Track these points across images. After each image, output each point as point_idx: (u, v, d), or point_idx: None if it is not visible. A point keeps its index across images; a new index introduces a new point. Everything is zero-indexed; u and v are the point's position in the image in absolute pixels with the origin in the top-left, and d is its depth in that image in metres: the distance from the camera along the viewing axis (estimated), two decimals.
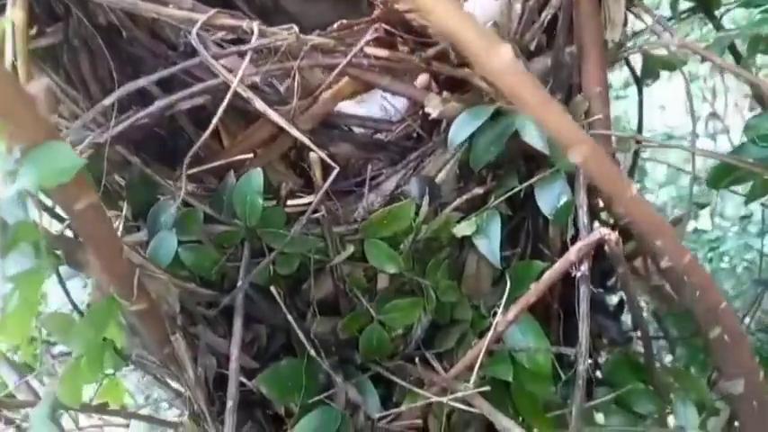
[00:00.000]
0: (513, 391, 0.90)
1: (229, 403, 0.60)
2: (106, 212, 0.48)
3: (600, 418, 1.07)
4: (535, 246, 0.93)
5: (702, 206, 2.00)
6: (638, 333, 1.21)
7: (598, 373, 1.22)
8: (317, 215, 0.71)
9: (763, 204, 1.52)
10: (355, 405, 0.82)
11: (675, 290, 0.87)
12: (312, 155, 0.67)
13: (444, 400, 0.68)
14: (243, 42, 0.70)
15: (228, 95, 0.65)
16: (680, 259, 0.64)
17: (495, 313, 0.78)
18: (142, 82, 0.67)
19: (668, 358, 1.21)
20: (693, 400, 1.08)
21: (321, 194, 0.67)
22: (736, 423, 1.02)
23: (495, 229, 0.73)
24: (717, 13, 1.06)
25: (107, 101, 0.66)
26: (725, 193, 1.99)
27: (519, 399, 0.90)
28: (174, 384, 0.90)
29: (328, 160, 0.66)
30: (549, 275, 0.64)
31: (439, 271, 0.79)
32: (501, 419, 0.63)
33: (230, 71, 0.69)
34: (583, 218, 0.67)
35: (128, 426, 0.95)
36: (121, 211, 0.83)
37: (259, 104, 0.67)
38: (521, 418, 0.91)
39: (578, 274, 0.63)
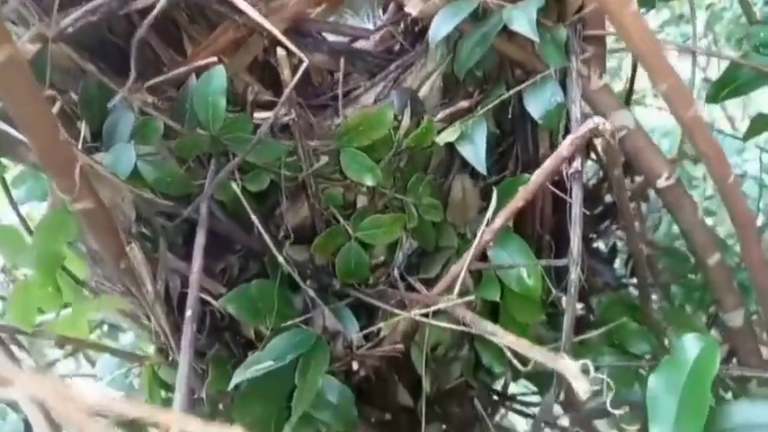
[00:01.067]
0: (503, 323, 0.85)
1: (188, 312, 0.55)
2: (31, 74, 0.42)
3: None
4: (525, 171, 0.88)
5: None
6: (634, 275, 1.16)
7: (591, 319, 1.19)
8: (287, 118, 0.65)
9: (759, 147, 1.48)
10: (333, 332, 0.77)
11: (674, 210, 0.82)
12: (279, 51, 0.61)
13: (425, 310, 0.62)
14: None
15: None
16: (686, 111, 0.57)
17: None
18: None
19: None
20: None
21: (290, 91, 0.61)
22: (735, 360, 0.98)
23: (481, 135, 0.68)
24: None
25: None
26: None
27: (508, 330, 0.85)
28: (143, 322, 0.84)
29: (299, 53, 0.60)
30: (539, 175, 0.59)
31: (421, 186, 0.74)
32: (486, 325, 0.58)
33: None
34: (576, 113, 0.62)
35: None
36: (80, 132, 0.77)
37: None
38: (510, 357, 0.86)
39: (570, 171, 0.58)
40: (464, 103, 0.77)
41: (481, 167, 0.66)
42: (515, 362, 0.65)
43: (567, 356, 0.58)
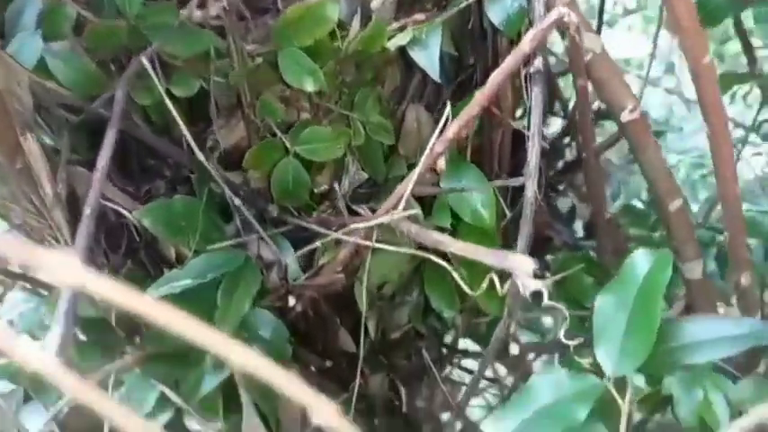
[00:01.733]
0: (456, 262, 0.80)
1: (87, 210, 0.47)
2: None
3: None
4: None
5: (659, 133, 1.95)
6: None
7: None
8: (218, 4, 0.57)
9: None
10: (269, 263, 0.70)
11: (637, 148, 0.77)
12: None
13: (365, 224, 0.56)
14: None
15: None
16: None
17: None
18: None
19: None
20: None
21: None
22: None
23: (436, 40, 0.61)
24: None
25: None
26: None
27: (462, 266, 0.80)
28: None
29: None
30: (497, 74, 0.53)
31: (369, 102, 0.67)
32: (431, 235, 0.52)
33: None
34: (538, 8, 0.56)
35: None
36: None
37: None
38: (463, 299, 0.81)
39: (531, 71, 0.52)
40: (419, 16, 0.70)
41: (434, 74, 0.60)
42: (466, 289, 0.60)
43: (518, 280, 0.52)
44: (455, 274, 0.53)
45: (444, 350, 1.00)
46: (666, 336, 0.48)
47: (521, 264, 0.41)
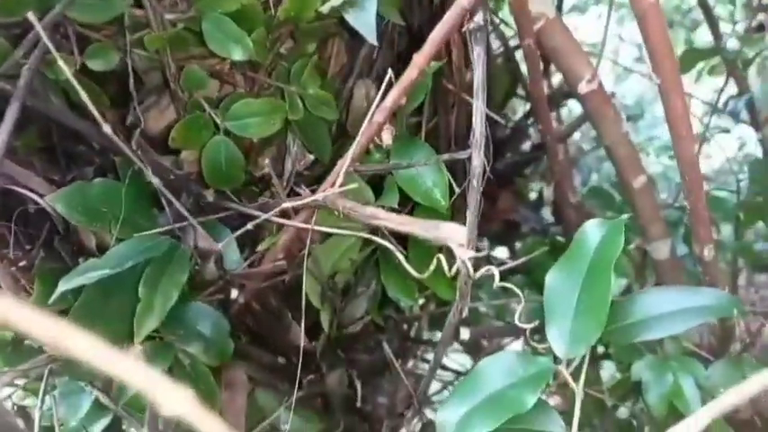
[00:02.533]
0: (412, 242, 0.75)
1: None
2: None
3: None
4: None
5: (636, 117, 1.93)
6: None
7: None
8: None
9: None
10: (205, 252, 0.65)
11: (597, 120, 0.73)
12: None
13: (301, 202, 0.51)
14: None
15: None
16: None
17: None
18: None
19: None
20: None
21: None
22: None
23: (372, 2, 0.56)
24: None
25: None
26: None
27: (415, 253, 0.75)
28: None
29: None
30: (437, 32, 0.48)
31: (306, 73, 0.62)
32: (365, 210, 0.47)
33: None
34: None
35: None
36: None
37: None
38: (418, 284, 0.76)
39: (471, 27, 0.47)
40: None
41: (371, 36, 0.55)
42: (413, 271, 0.55)
43: (467, 261, 0.48)
44: (399, 256, 0.49)
45: (408, 342, 0.96)
46: (621, 312, 0.44)
47: (452, 233, 0.37)
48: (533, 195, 1.24)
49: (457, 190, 0.61)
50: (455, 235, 0.37)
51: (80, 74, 0.59)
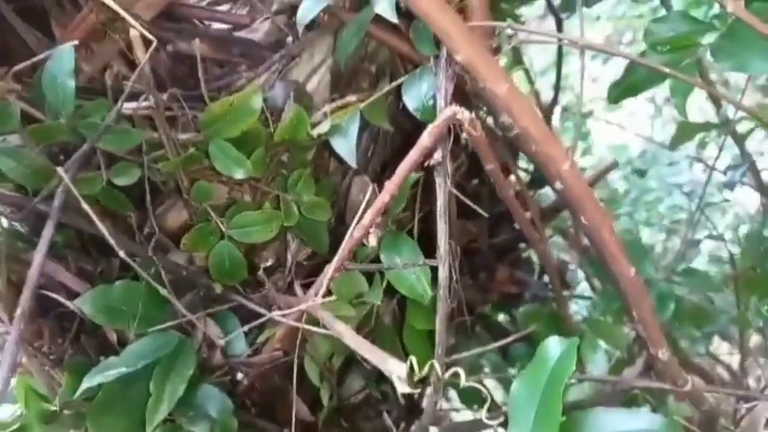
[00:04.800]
0: (406, 332, 0.82)
1: (19, 310, 0.50)
2: None
3: None
4: None
5: (642, 173, 1.96)
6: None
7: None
8: (145, 104, 0.61)
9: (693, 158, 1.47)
10: (213, 341, 0.73)
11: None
12: (132, 31, 0.57)
13: (288, 311, 0.58)
14: None
15: None
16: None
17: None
18: None
19: None
20: (606, 346, 1.02)
21: (141, 69, 0.57)
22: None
23: (354, 128, 0.64)
24: None
25: None
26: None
27: (409, 337, 0.82)
28: None
29: (149, 35, 0.56)
30: (403, 167, 0.55)
31: (301, 182, 0.70)
32: (338, 326, 0.54)
33: None
34: (440, 102, 0.59)
35: None
36: None
37: None
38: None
39: (433, 162, 0.54)
40: (352, 98, 0.73)
41: (351, 160, 0.63)
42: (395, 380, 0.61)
43: (437, 363, 0.54)
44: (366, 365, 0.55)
45: (408, 411, 1.01)
46: (573, 426, 0.49)
47: (395, 369, 0.43)
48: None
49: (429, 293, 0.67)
50: (397, 370, 0.44)
51: (108, 185, 0.68)
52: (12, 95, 0.66)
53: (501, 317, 1.22)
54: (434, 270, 0.73)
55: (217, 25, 0.74)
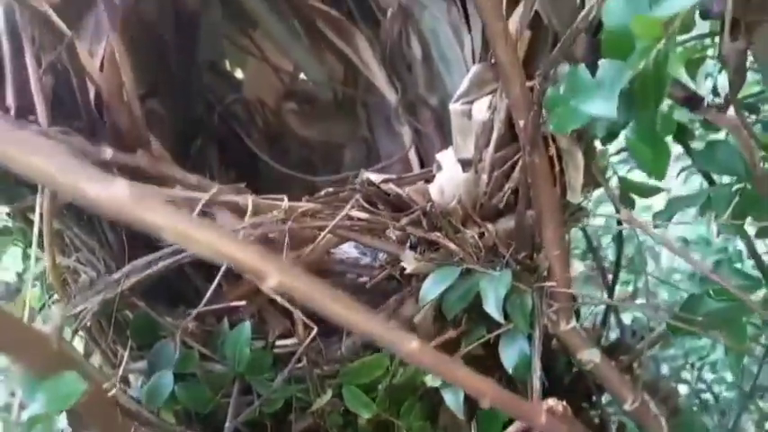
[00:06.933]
0: None
1: None
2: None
3: None
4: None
5: None
6: None
7: None
8: (300, 365, 0.79)
9: None
10: None
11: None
12: (296, 313, 0.76)
13: None
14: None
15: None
16: None
17: None
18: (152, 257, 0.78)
19: None
20: None
21: (304, 348, 0.75)
22: None
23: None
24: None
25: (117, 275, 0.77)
26: None
27: None
28: None
29: (308, 321, 0.75)
30: None
31: (412, 413, 0.86)
32: None
33: None
34: (536, 367, 0.74)
35: None
36: (128, 340, 0.93)
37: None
38: None
39: None
40: (452, 333, 0.90)
41: (458, 412, 0.79)
42: None
43: None
44: None
45: None
46: None
47: None
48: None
49: None
50: None
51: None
52: (189, 337, 0.86)
53: None
54: None
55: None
